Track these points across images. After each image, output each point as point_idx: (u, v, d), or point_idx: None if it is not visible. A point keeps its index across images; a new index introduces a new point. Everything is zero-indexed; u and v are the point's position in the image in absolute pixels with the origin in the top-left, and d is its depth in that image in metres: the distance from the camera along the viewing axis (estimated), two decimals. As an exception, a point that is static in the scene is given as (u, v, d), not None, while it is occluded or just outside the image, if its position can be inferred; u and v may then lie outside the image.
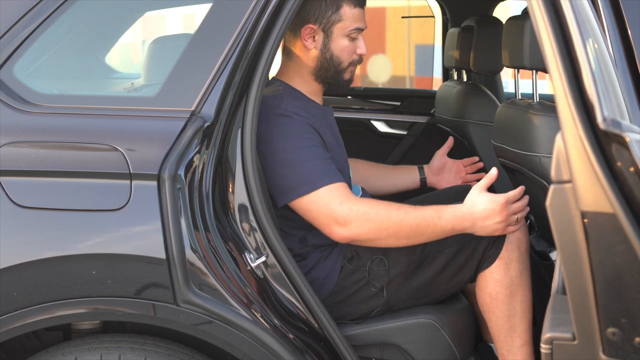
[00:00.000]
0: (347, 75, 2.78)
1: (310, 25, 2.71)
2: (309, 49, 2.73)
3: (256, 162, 2.43)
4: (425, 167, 3.33)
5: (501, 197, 2.59)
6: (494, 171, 2.61)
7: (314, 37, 2.72)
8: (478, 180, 2.87)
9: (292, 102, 2.69)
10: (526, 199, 2.65)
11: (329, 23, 2.71)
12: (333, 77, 2.76)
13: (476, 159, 3.40)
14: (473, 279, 2.76)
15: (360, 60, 2.79)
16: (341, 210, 2.54)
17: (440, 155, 3.34)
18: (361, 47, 2.76)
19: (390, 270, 2.70)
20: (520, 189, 2.63)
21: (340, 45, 2.73)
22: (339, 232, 2.56)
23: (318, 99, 2.81)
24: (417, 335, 2.72)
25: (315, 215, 2.58)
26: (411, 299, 2.75)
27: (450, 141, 3.37)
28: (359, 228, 2.55)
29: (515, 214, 2.62)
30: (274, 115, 2.63)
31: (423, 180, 3.31)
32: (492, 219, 2.59)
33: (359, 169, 3.22)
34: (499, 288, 2.70)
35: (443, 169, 3.32)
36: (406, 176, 3.32)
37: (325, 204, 2.55)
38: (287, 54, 2.80)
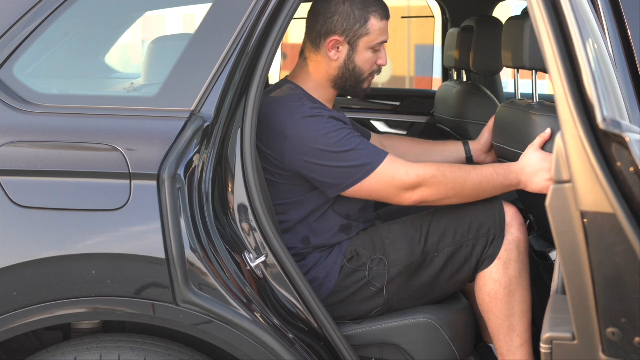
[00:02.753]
0: (365, 85, 2.80)
1: (336, 37, 2.71)
2: (332, 60, 2.73)
3: (256, 162, 2.43)
4: (471, 143, 3.18)
5: (552, 156, 2.61)
6: (548, 131, 2.67)
7: (338, 48, 2.72)
8: None
9: (312, 104, 2.70)
10: None
11: (355, 36, 2.71)
12: (352, 86, 2.78)
13: None
14: (472, 278, 2.76)
15: (379, 70, 2.81)
16: (409, 178, 2.61)
17: (490, 131, 3.14)
18: (382, 58, 2.78)
19: (390, 270, 2.70)
20: None
21: (364, 57, 2.74)
22: (410, 197, 2.63)
23: (330, 105, 2.82)
24: (417, 335, 2.72)
25: (382, 192, 2.63)
26: (411, 299, 2.75)
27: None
28: (428, 190, 2.62)
29: None
30: (301, 117, 2.63)
31: (469, 158, 3.16)
32: (543, 175, 2.64)
33: (397, 145, 3.18)
34: (498, 288, 2.70)
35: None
36: (449, 153, 3.16)
37: (390, 178, 2.61)
38: (305, 59, 2.79)
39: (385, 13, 2.74)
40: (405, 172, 2.61)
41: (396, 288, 2.72)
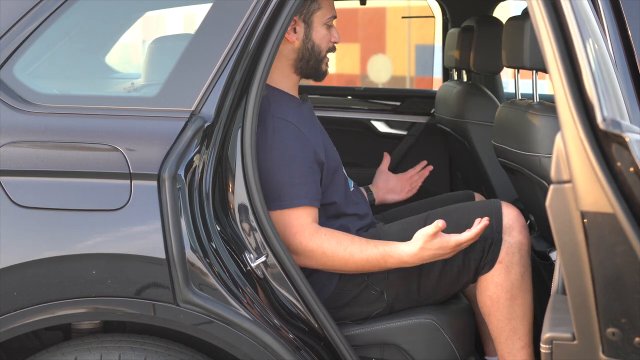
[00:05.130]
0: (324, 66, 2.79)
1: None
2: (291, 42, 2.72)
3: (256, 162, 2.43)
4: (371, 187, 3.26)
5: (452, 241, 2.55)
6: (439, 223, 2.54)
7: (295, 29, 2.71)
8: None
9: (279, 105, 2.66)
10: (476, 237, 2.57)
11: (309, 13, 2.71)
12: (314, 67, 2.76)
13: (424, 163, 3.31)
14: (474, 279, 2.75)
15: (334, 48, 2.80)
16: (293, 242, 2.57)
17: (381, 172, 3.27)
18: (335, 36, 2.78)
19: (389, 275, 2.70)
20: (473, 236, 2.55)
21: (320, 34, 2.74)
22: (297, 258, 2.58)
23: (295, 93, 2.80)
24: (417, 335, 2.72)
25: (279, 233, 2.55)
26: (412, 301, 2.75)
27: (387, 158, 3.30)
28: (307, 260, 2.59)
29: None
30: (262, 118, 2.60)
31: (372, 202, 3.23)
32: (440, 257, 2.60)
33: None
34: (500, 292, 2.68)
35: (388, 183, 3.26)
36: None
37: (282, 229, 2.57)
38: None
39: None
40: (294, 232, 2.56)
41: (396, 292, 2.71)
